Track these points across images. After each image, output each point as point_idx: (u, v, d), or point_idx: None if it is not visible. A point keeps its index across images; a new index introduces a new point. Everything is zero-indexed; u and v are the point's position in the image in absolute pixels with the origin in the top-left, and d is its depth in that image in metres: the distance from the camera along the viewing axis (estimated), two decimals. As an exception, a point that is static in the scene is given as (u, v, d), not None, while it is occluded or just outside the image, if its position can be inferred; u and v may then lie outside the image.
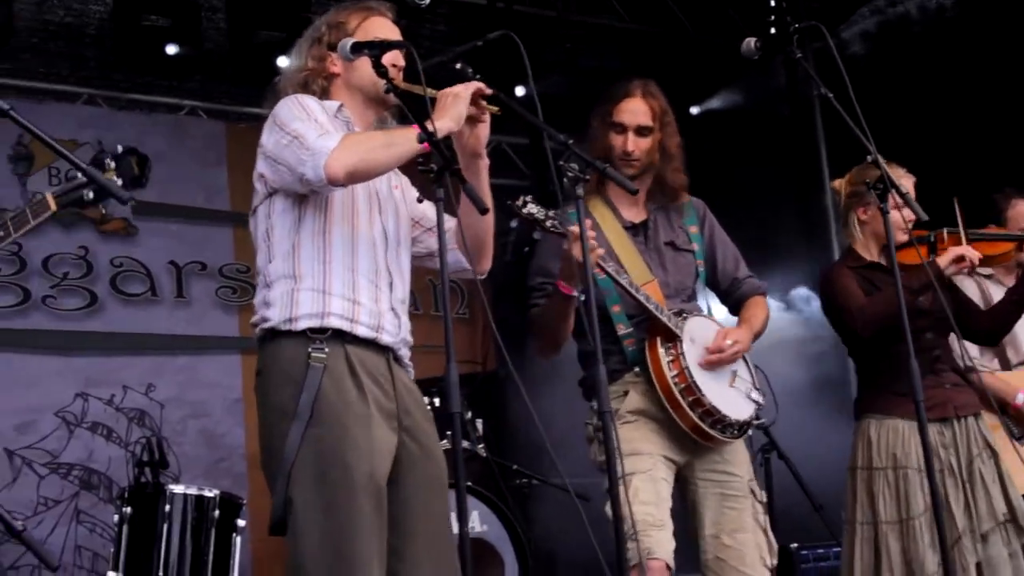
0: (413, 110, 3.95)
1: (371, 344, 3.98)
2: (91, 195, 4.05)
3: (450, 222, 4.08)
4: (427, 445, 4.07)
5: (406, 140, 3.88)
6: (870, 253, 5.36)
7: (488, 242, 4.25)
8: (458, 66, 4.06)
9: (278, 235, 4.04)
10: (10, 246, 8.15)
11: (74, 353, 8.40)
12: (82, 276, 8.56)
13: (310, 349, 3.87)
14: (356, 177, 3.88)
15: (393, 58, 4.08)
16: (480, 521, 6.79)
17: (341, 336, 3.92)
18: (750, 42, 4.78)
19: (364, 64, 4.10)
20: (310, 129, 3.88)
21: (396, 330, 4.05)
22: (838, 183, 5.47)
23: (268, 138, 3.99)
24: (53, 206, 4.02)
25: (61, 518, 8.11)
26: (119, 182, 4.07)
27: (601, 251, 4.51)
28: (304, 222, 4.00)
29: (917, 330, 4.87)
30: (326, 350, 3.88)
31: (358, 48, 4.05)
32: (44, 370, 8.12)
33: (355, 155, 3.83)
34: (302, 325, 3.92)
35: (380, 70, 4.00)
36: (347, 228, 4.01)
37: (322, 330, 3.91)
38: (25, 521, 7.81)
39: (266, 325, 3.99)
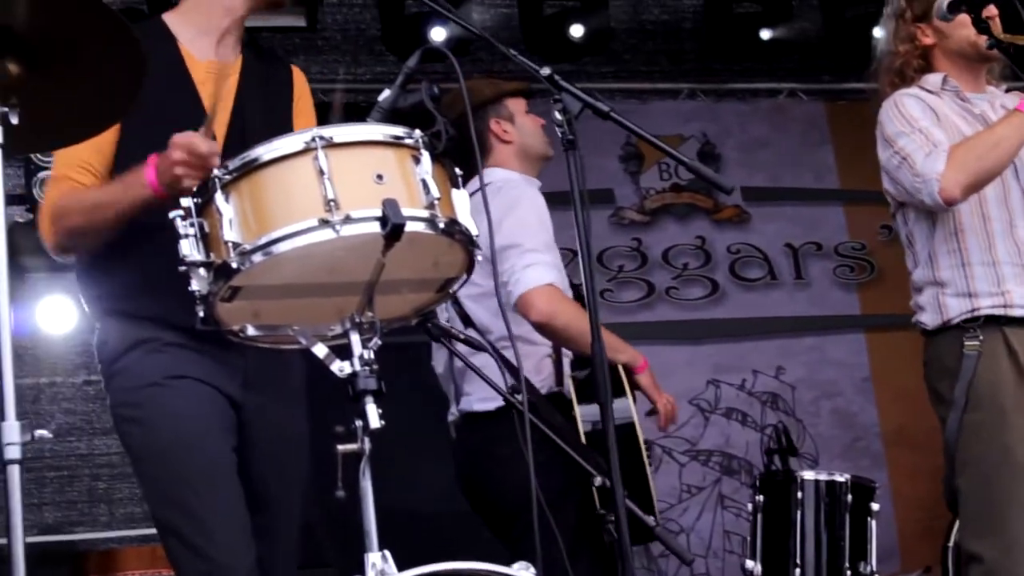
0: (1020, 63, 3.78)
1: None
2: None
3: None
4: None
5: (1015, 131, 3.74)
6: None
7: None
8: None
9: (917, 242, 4.05)
10: (630, 242, 8.46)
11: (702, 341, 8.57)
12: (701, 265, 8.72)
13: (964, 338, 3.87)
14: (974, 190, 3.82)
15: (989, 10, 3.89)
16: None
17: (996, 320, 3.87)
18: None
19: (959, 25, 3.94)
20: (916, 148, 3.82)
21: None
22: None
23: (882, 153, 3.99)
24: None
25: (706, 504, 8.29)
26: None
27: None
28: (937, 228, 3.99)
29: None
30: (980, 337, 3.85)
31: (955, 7, 3.90)
32: (675, 360, 8.32)
33: (965, 171, 3.75)
34: (955, 323, 3.93)
35: (981, 26, 3.86)
36: (977, 222, 3.93)
37: (975, 319, 3.88)
38: (670, 509, 8.06)
39: (922, 327, 4.03)
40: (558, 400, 4.37)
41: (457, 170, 2.88)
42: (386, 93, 3.02)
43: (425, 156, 2.76)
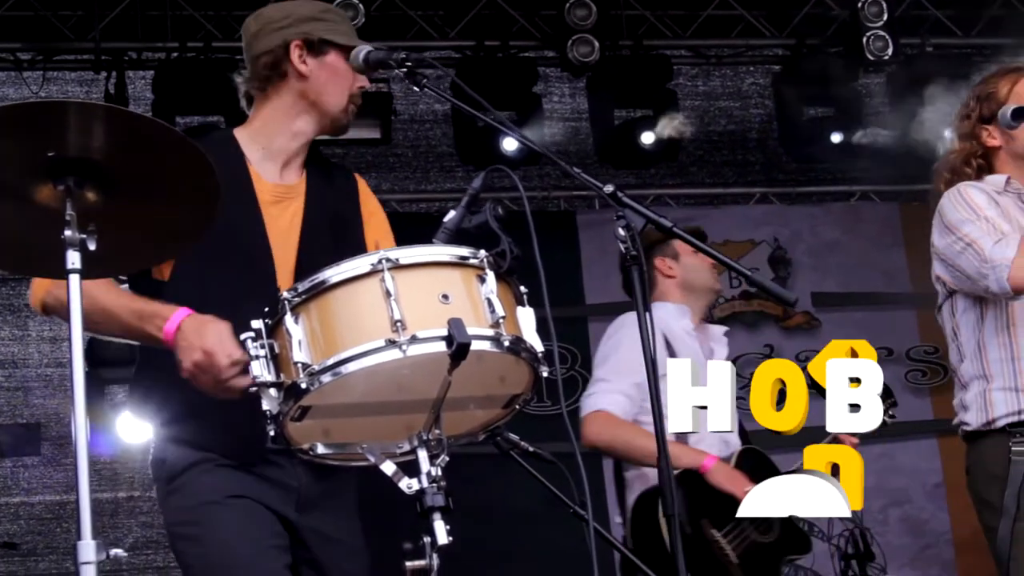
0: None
1: None
2: None
3: None
4: None
5: None
6: None
7: None
8: None
9: (964, 334, 4.01)
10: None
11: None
12: (769, 374, 8.65)
13: (1011, 444, 3.83)
14: None
15: None
16: None
17: None
18: None
19: (1024, 130, 3.95)
20: (983, 235, 3.80)
21: None
22: None
23: (940, 240, 3.95)
24: None
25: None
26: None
27: None
28: (986, 320, 3.94)
29: None
30: None
31: (1019, 115, 3.92)
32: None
33: None
34: (1000, 424, 3.88)
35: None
36: None
37: (1021, 424, 3.85)
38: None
39: (967, 428, 3.98)
40: None
41: (522, 288, 2.92)
42: (451, 214, 3.07)
43: (490, 275, 2.81)
